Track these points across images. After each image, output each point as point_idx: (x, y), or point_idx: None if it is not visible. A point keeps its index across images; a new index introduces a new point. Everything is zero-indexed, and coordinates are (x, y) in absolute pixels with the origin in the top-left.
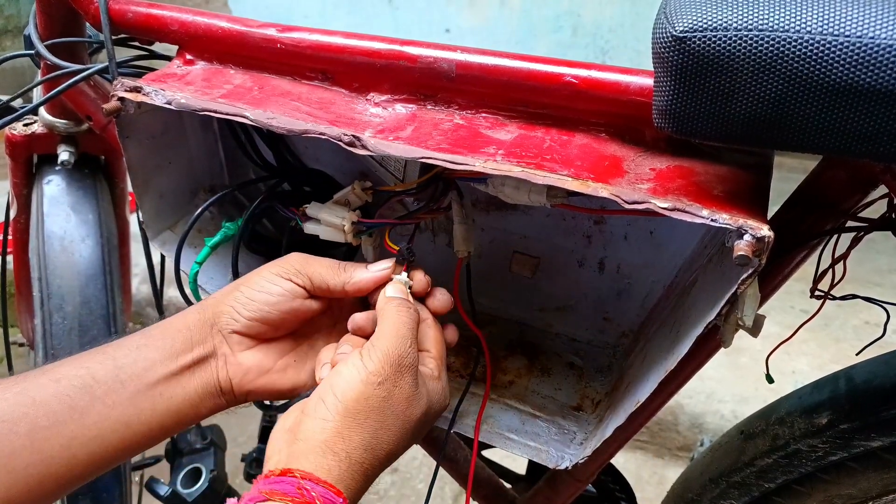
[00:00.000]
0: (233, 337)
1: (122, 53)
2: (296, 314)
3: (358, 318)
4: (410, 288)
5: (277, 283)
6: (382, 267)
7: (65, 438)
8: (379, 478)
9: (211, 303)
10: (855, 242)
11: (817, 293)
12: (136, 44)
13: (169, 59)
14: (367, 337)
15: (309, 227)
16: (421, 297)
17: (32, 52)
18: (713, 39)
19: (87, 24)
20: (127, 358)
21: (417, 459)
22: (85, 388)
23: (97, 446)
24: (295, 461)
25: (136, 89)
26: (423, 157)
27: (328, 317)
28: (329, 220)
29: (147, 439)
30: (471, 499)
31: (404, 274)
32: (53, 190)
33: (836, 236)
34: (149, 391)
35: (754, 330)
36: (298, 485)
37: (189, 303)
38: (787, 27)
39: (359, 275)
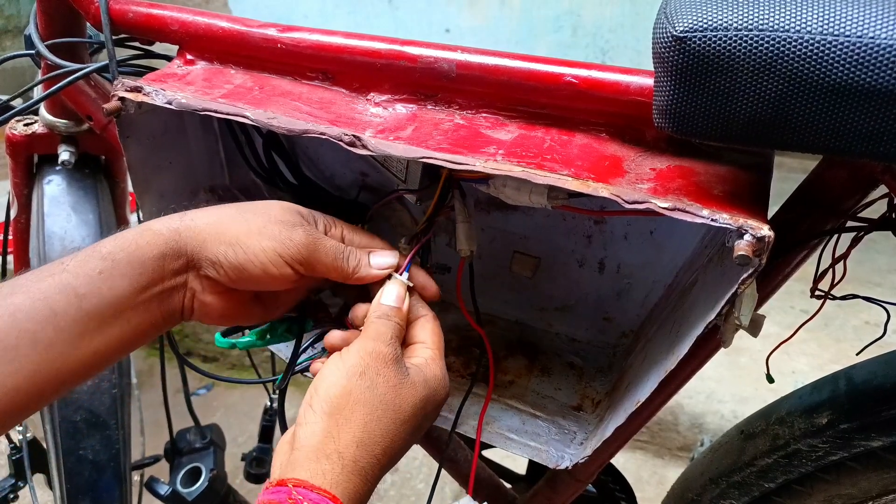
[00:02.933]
0: (205, 280)
1: (123, 53)
2: (277, 288)
3: (333, 339)
4: (411, 289)
5: (279, 266)
6: (387, 264)
7: (28, 372)
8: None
9: (191, 235)
10: (855, 242)
11: (817, 293)
12: (137, 44)
13: (169, 59)
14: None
15: None
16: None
17: (33, 51)
18: (713, 39)
19: (88, 24)
20: (89, 287)
21: (417, 459)
22: (47, 321)
23: (64, 374)
24: (291, 470)
25: (137, 89)
26: (423, 157)
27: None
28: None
29: (111, 360)
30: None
31: (405, 274)
32: (54, 190)
33: (836, 236)
34: (116, 319)
35: (753, 330)
36: (290, 494)
37: None
38: (787, 27)
39: (364, 272)
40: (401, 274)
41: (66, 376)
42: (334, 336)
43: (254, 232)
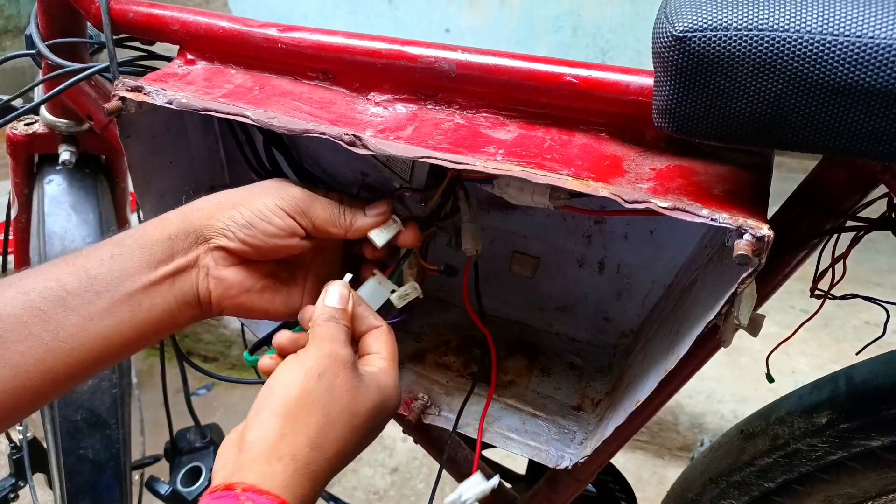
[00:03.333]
0: (218, 252)
1: (124, 54)
2: (288, 248)
3: (282, 339)
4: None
5: (281, 216)
6: (379, 211)
7: (39, 352)
8: (379, 478)
9: (198, 213)
10: (855, 242)
11: (817, 293)
12: (137, 44)
13: (169, 59)
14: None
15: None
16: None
17: (34, 51)
18: (713, 39)
19: (89, 24)
20: (100, 268)
21: (417, 459)
22: (57, 301)
23: (73, 359)
24: (239, 473)
25: (138, 89)
26: (423, 157)
27: (311, 249)
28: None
29: (124, 349)
30: None
31: (347, 279)
32: (54, 189)
33: (835, 236)
34: (127, 301)
35: (752, 329)
36: (238, 499)
37: None
38: (787, 27)
39: (360, 221)
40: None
41: (75, 363)
42: (283, 336)
43: (254, 194)
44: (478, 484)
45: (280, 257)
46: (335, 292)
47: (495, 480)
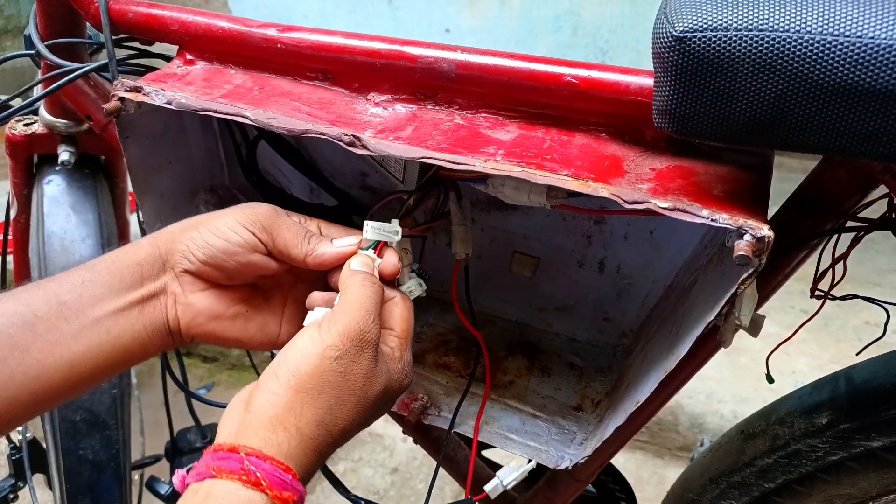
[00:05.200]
0: (185, 277)
1: (123, 54)
2: (253, 268)
3: (315, 298)
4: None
5: (238, 231)
6: (348, 243)
7: (4, 377)
8: (379, 478)
9: (165, 238)
10: (855, 242)
11: (817, 293)
12: (136, 44)
13: (169, 59)
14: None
15: None
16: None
17: (33, 51)
18: (713, 39)
19: (88, 24)
20: (71, 294)
21: (417, 459)
22: (26, 325)
23: (40, 385)
24: (243, 435)
25: (137, 89)
26: (423, 157)
27: (290, 274)
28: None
29: (92, 377)
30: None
31: (371, 251)
32: (54, 190)
33: (835, 236)
34: (94, 327)
35: (753, 330)
36: (243, 463)
37: None
38: (787, 27)
39: (322, 249)
40: (365, 248)
41: (42, 389)
42: (317, 298)
43: (218, 214)
44: (517, 468)
45: (249, 280)
46: (358, 260)
47: (533, 463)
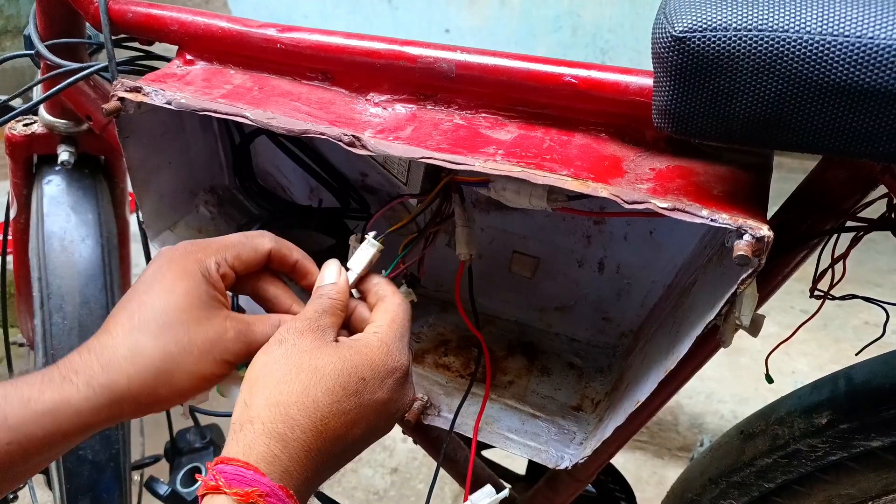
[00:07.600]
0: None
1: (123, 54)
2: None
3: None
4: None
5: (204, 372)
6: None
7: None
8: (379, 478)
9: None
10: (855, 242)
11: (817, 293)
12: (136, 44)
13: (168, 59)
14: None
15: None
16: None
17: (32, 52)
18: (713, 39)
19: (88, 24)
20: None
21: (417, 460)
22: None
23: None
24: (227, 446)
25: (136, 89)
26: (422, 157)
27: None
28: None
29: (30, 456)
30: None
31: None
32: (53, 190)
33: (835, 236)
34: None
35: (753, 330)
36: (213, 475)
37: None
38: (786, 27)
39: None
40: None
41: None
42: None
43: (175, 362)
44: (489, 495)
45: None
46: (332, 272)
47: (505, 492)
